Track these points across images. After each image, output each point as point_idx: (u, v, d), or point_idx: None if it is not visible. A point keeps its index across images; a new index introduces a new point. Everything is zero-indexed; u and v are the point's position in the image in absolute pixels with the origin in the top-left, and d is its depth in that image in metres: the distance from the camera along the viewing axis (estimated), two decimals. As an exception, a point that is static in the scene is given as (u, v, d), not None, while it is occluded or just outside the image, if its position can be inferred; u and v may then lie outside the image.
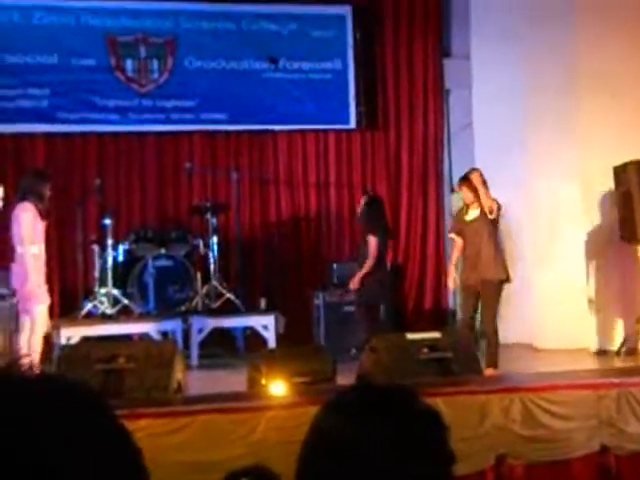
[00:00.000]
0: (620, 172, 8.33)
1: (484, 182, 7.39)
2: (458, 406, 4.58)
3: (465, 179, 7.60)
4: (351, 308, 8.82)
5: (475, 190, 7.38)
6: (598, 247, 8.61)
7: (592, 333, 8.53)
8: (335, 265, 9.43)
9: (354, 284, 8.02)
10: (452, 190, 10.32)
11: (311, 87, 9.86)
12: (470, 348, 5.87)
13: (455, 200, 10.32)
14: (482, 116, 9.54)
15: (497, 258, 7.36)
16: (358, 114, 10.00)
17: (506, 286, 7.55)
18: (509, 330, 9.15)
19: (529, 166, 9.07)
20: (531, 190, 9.04)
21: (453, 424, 1.38)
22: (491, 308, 7.32)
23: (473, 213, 7.43)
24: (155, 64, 9.58)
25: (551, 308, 8.81)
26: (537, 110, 9.04)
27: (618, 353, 8.15)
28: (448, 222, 10.24)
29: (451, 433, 1.36)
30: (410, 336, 5.87)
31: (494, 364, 7.00)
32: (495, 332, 7.22)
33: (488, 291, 7.29)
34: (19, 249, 7.02)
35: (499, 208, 7.39)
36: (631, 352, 8.11)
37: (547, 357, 8.22)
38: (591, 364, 7.78)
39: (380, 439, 1.29)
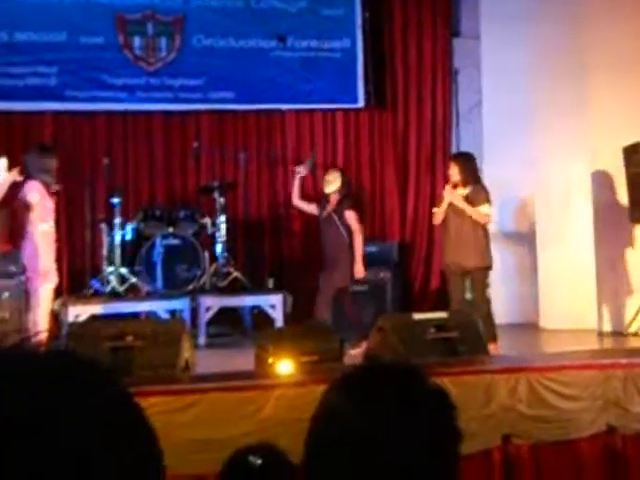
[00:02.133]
0: (630, 152, 8.28)
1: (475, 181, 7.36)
2: (464, 386, 4.60)
3: (459, 157, 7.62)
4: (358, 287, 8.84)
5: (464, 173, 7.36)
6: (607, 228, 8.60)
7: (599, 314, 8.53)
8: (342, 245, 9.42)
9: (361, 271, 7.95)
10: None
11: (319, 66, 9.83)
12: (476, 328, 5.88)
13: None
14: (491, 96, 9.51)
15: (481, 243, 7.30)
16: (366, 93, 9.98)
17: (513, 265, 7.57)
18: (515, 310, 9.17)
19: (539, 146, 9.05)
20: (541, 170, 9.02)
21: (459, 404, 1.39)
22: (480, 292, 7.34)
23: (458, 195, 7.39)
24: (163, 42, 9.55)
25: (558, 288, 8.81)
26: (547, 89, 9.01)
27: (625, 334, 8.16)
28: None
29: (458, 412, 1.37)
30: (417, 316, 5.88)
31: (493, 338, 6.97)
32: (488, 313, 7.21)
33: (476, 276, 7.31)
34: (29, 228, 7.04)
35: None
36: (638, 333, 8.11)
37: (553, 337, 8.24)
38: (598, 345, 7.79)
39: (388, 417, 1.30)
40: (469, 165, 7.49)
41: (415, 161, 10.16)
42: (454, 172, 7.44)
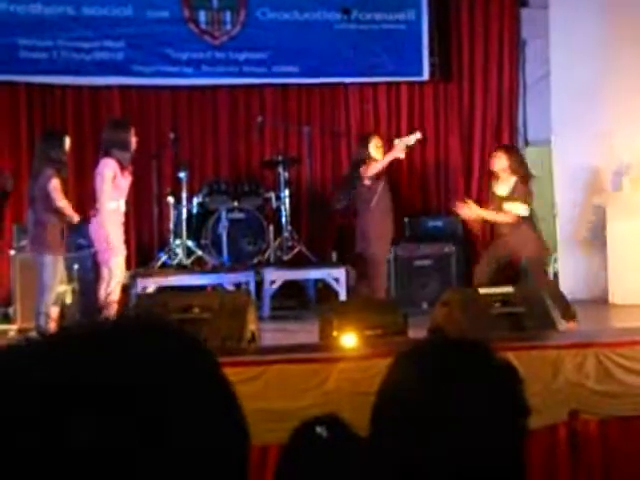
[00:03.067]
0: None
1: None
2: (531, 361, 4.56)
3: (508, 148, 7.48)
4: (422, 262, 8.81)
5: (512, 161, 7.20)
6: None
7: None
8: (407, 219, 9.39)
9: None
10: (527, 143, 10.15)
11: (384, 38, 9.74)
12: (543, 303, 5.82)
13: (530, 154, 10.16)
14: (559, 68, 9.31)
15: (524, 236, 7.17)
16: (431, 65, 9.86)
17: (584, 240, 7.43)
18: (585, 285, 9.03)
19: (608, 118, 8.86)
20: (611, 141, 8.83)
21: (525, 379, 1.38)
22: (539, 278, 7.28)
23: (503, 188, 7.25)
24: (228, 16, 9.57)
25: (628, 262, 8.65)
26: (616, 60, 8.79)
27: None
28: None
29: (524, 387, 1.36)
30: (482, 290, 5.84)
31: (571, 316, 6.82)
32: (557, 294, 7.08)
33: (533, 267, 7.27)
34: (98, 204, 7.15)
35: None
36: None
37: (623, 313, 8.10)
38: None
39: (455, 392, 1.29)
40: (517, 156, 7.37)
41: (480, 134, 10.04)
42: (500, 162, 7.28)
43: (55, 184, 6.80)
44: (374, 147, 7.98)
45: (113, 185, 7.05)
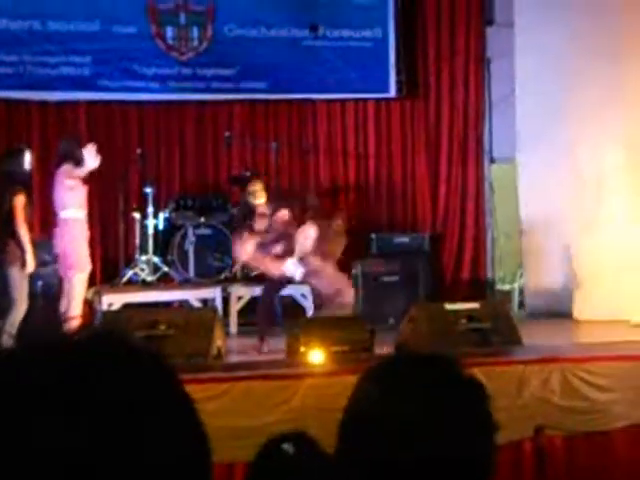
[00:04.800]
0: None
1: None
2: (497, 376, 4.58)
3: None
4: (389, 278, 8.82)
5: None
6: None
7: (634, 304, 8.43)
8: (373, 235, 9.42)
9: None
10: (492, 160, 10.24)
11: (351, 55, 9.79)
12: (509, 319, 5.85)
13: (495, 171, 10.25)
14: (524, 85, 9.41)
15: None
16: (398, 83, 9.92)
17: (548, 253, 7.44)
18: (549, 299, 9.10)
19: (573, 133, 8.95)
20: (576, 156, 8.92)
21: (491, 394, 1.38)
22: None
23: None
24: (195, 32, 9.56)
25: (594, 278, 8.72)
26: (581, 77, 8.90)
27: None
28: (487, 193, 10.18)
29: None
30: (449, 306, 5.86)
31: None
32: None
33: None
34: (61, 214, 7.08)
35: None
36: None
37: (587, 328, 8.16)
38: (632, 336, 7.70)
39: (423, 407, 1.29)
40: None
41: (447, 151, 10.11)
42: None
43: (18, 202, 6.70)
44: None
45: (72, 194, 7.00)
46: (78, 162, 7.06)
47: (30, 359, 0.76)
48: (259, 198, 7.93)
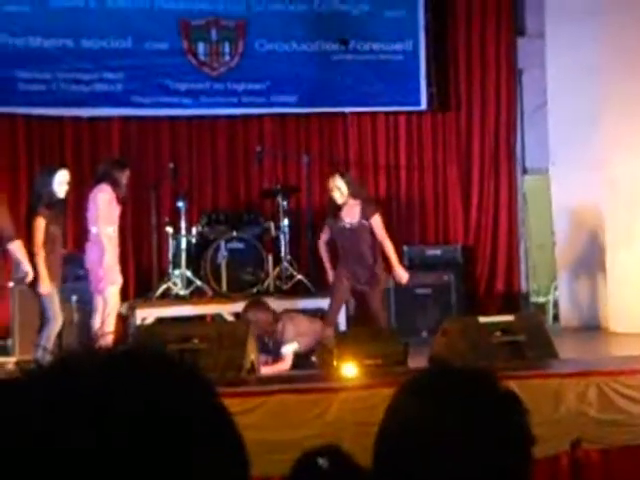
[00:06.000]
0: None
1: None
2: (532, 390, 4.53)
3: None
4: (422, 290, 8.79)
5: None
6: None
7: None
8: (405, 247, 9.39)
9: (403, 277, 7.64)
10: (525, 171, 10.18)
11: (382, 68, 9.79)
12: (544, 332, 5.79)
13: (528, 182, 10.19)
14: (557, 96, 9.36)
15: None
16: (429, 95, 9.91)
17: (583, 268, 7.39)
18: (583, 312, 9.02)
19: (606, 146, 8.88)
20: (609, 170, 8.85)
21: (528, 408, 1.36)
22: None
23: None
24: (227, 47, 9.63)
25: (629, 290, 8.63)
26: (614, 88, 8.83)
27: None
28: (520, 204, 10.12)
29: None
30: (483, 319, 5.82)
31: None
32: None
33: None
34: (94, 229, 7.15)
35: None
36: None
37: (622, 341, 8.07)
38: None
39: (461, 421, 1.28)
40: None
41: (479, 163, 10.07)
42: None
43: (37, 223, 6.79)
44: None
45: (107, 210, 7.08)
46: (115, 184, 7.16)
47: (67, 372, 0.76)
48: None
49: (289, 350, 6.87)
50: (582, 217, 9.17)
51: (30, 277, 6.71)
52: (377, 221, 7.44)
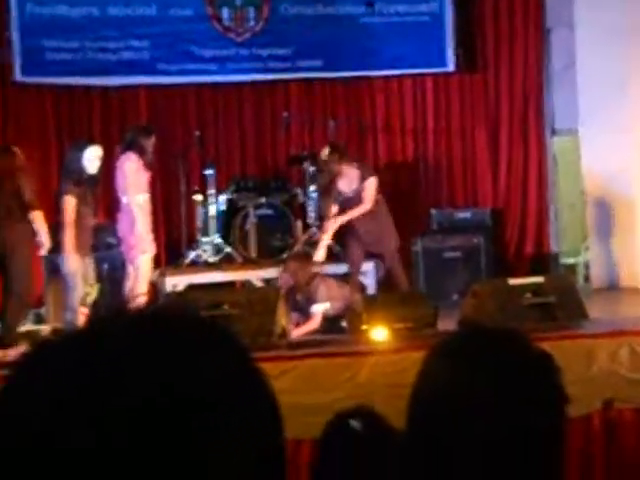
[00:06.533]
0: None
1: None
2: (564, 351, 4.52)
3: None
4: (451, 254, 8.77)
5: None
6: None
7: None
8: (433, 211, 9.37)
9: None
10: (554, 132, 10.08)
11: (408, 30, 9.70)
12: (575, 293, 5.77)
13: (557, 143, 10.08)
14: (585, 56, 9.22)
15: None
16: (456, 56, 9.81)
17: (613, 228, 7.33)
18: (614, 272, 8.96)
19: (636, 103, 8.76)
20: (638, 132, 8.73)
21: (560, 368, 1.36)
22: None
23: None
24: (251, 12, 9.57)
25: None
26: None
27: None
28: (550, 165, 10.03)
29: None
30: (512, 281, 5.80)
31: None
32: None
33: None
34: (124, 199, 7.19)
35: None
36: None
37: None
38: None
39: (493, 382, 1.29)
40: None
41: (507, 124, 9.97)
42: None
43: (67, 201, 6.81)
44: None
45: (136, 178, 7.11)
46: (142, 151, 7.17)
47: (103, 333, 0.77)
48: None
49: (319, 309, 6.92)
50: (612, 178, 9.09)
51: (46, 249, 6.78)
52: (371, 183, 7.60)
